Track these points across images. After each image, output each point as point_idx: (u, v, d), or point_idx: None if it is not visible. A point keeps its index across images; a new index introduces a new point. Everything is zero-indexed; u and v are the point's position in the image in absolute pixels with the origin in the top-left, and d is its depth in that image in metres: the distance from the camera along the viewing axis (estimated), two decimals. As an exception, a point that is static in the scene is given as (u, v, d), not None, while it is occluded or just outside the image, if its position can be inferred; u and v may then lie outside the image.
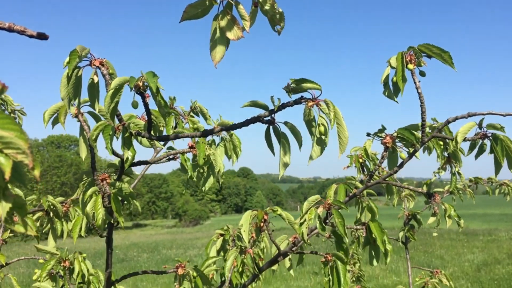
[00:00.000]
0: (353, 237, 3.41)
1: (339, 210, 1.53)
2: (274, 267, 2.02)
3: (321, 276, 17.34)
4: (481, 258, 17.60)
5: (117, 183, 1.28)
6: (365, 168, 2.01)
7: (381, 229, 1.59)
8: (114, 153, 1.26)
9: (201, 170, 1.44)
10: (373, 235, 1.63)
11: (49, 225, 2.48)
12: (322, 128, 1.04)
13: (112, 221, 1.38)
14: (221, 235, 2.28)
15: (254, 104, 1.06)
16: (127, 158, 1.17)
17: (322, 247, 23.40)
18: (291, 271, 2.02)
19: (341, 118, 1.06)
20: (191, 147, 1.33)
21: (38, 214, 2.44)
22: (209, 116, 1.65)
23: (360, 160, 2.00)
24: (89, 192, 1.25)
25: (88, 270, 1.68)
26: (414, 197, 3.00)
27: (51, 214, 2.46)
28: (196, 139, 1.32)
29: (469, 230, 26.75)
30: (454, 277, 14.17)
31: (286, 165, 1.01)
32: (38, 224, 2.41)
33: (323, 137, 1.05)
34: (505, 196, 2.81)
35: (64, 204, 2.53)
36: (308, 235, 1.68)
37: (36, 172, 0.36)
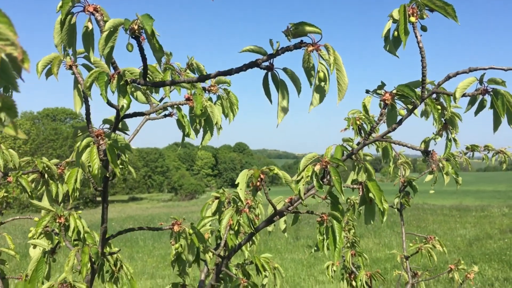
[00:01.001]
0: (348, 204, 3.43)
1: (337, 168, 1.52)
2: (270, 228, 2.02)
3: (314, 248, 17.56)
4: (473, 233, 17.85)
5: (112, 134, 1.26)
6: (362, 131, 2.00)
7: (378, 188, 1.58)
8: (109, 103, 1.23)
9: (198, 126, 1.41)
10: (370, 194, 1.62)
11: (44, 187, 2.47)
12: (321, 74, 1.02)
13: (107, 175, 1.37)
14: (217, 198, 2.28)
15: (253, 49, 1.04)
16: (122, 106, 1.15)
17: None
18: (285, 233, 2.03)
19: (341, 64, 1.04)
20: (188, 99, 1.30)
21: (33, 175, 2.43)
22: (206, 72, 1.62)
23: (358, 123, 1.98)
24: (84, 142, 1.23)
25: (83, 227, 1.67)
26: (410, 165, 3.01)
27: (46, 176, 2.44)
28: (193, 91, 1.30)
29: (462, 206, 27.06)
30: (446, 251, 14.34)
31: (284, 110, 0.99)
32: (33, 185, 2.40)
33: (322, 84, 1.03)
34: (501, 165, 2.81)
35: (59, 166, 2.51)
36: (304, 194, 1.67)
37: (26, 65, 0.35)
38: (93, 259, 1.47)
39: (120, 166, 3.07)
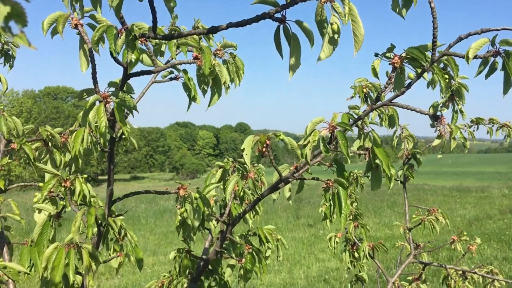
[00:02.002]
0: (351, 178, 3.43)
1: (344, 133, 1.51)
2: (274, 196, 2.02)
3: (315, 227, 17.72)
4: (473, 213, 17.95)
5: (120, 93, 1.24)
6: (368, 99, 1.98)
7: (385, 153, 1.58)
8: (116, 60, 1.22)
9: (205, 87, 1.40)
10: (377, 160, 1.62)
11: (47, 156, 2.46)
12: (335, 26, 1.00)
13: (114, 135, 1.36)
14: (221, 167, 2.27)
15: (265, 0, 1.01)
16: (131, 62, 1.13)
17: (317, 200, 23.75)
18: (290, 201, 2.03)
19: (356, 14, 1.02)
20: (196, 57, 1.28)
21: (37, 144, 2.42)
22: (212, 36, 1.59)
23: (364, 91, 1.97)
24: (91, 99, 1.22)
25: (89, 192, 1.67)
26: (414, 138, 3.00)
27: (50, 144, 2.44)
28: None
29: (462, 187, 27.14)
30: (445, 231, 14.49)
31: (295, 67, 0.97)
32: (36, 154, 2.40)
33: (335, 36, 1.01)
34: (505, 138, 2.80)
35: (62, 135, 2.51)
36: (310, 160, 1.67)
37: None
38: (99, 221, 1.48)
39: (123, 136, 3.07)
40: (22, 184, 2.20)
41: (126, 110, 1.25)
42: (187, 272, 2.05)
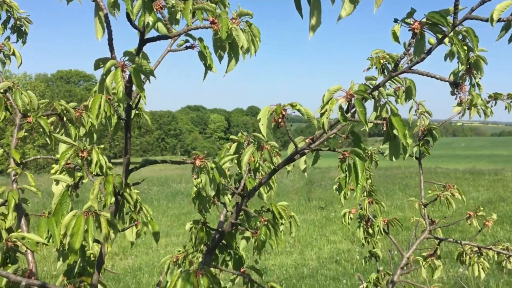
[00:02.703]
0: (365, 154, 3.41)
1: (361, 101, 1.49)
2: (289, 167, 2.01)
3: (326, 210, 17.75)
4: (485, 196, 17.82)
5: (136, 59, 1.23)
6: (385, 70, 1.95)
7: (403, 122, 1.56)
8: (132, 24, 1.21)
9: (222, 54, 1.38)
10: (394, 130, 1.60)
11: (62, 130, 2.48)
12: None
13: (130, 103, 1.36)
14: (235, 141, 2.27)
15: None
16: (148, 24, 1.12)
17: (328, 183, 23.75)
18: (305, 173, 2.02)
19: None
20: (212, 22, 1.27)
21: (52, 118, 2.43)
22: (228, 4, 1.57)
23: (381, 62, 1.94)
24: (108, 64, 1.22)
25: (105, 162, 1.68)
26: (430, 114, 2.96)
27: (64, 118, 2.45)
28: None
29: (475, 169, 26.91)
30: (457, 213, 14.43)
31: (315, 27, 0.95)
32: (52, 128, 2.41)
33: (357, -7, 0.99)
34: (524, 114, 2.74)
35: (77, 109, 2.52)
36: (327, 131, 1.65)
37: None
38: (117, 189, 1.49)
39: (136, 112, 3.06)
40: (39, 157, 2.22)
41: (143, 76, 1.24)
42: (202, 243, 2.07)
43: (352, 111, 1.55)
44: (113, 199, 1.49)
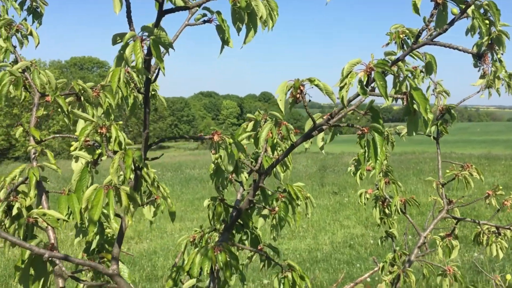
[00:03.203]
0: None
1: (382, 74, 1.47)
2: (307, 145, 2.01)
3: (339, 195, 17.73)
4: (501, 181, 17.64)
5: (155, 30, 1.23)
6: (405, 45, 1.93)
7: (424, 96, 1.54)
8: (151, -6, 1.21)
9: (240, 25, 1.37)
10: (414, 105, 1.58)
11: (80, 110, 2.49)
12: None
13: (149, 76, 1.36)
14: (251, 119, 2.26)
15: None
16: (167, -7, 1.12)
17: (342, 169, 23.70)
18: (323, 151, 2.01)
19: None
20: (231, -7, 1.26)
21: (69, 98, 2.45)
22: (246, -23, 1.55)
23: (401, 36, 1.91)
24: (127, 36, 1.21)
25: (124, 139, 1.69)
26: (448, 93, 2.92)
27: (82, 98, 2.47)
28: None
29: (491, 155, 26.61)
30: (473, 198, 14.31)
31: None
32: (69, 107, 2.43)
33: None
34: (545, 92, 2.69)
35: (94, 89, 2.53)
36: (346, 106, 1.64)
37: None
38: (136, 163, 1.50)
39: (152, 92, 3.07)
40: (58, 135, 2.24)
41: (162, 49, 1.24)
42: (220, 219, 2.08)
43: (372, 85, 1.53)
44: (132, 174, 1.50)
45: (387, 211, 2.78)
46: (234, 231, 2.44)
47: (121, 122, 1.68)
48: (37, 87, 2.26)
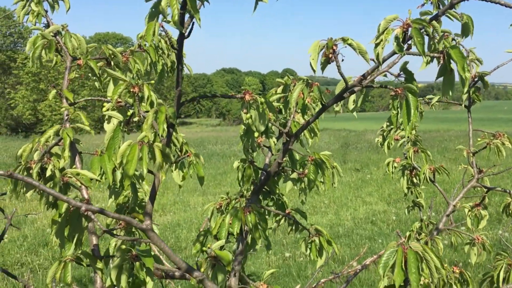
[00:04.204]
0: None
1: (420, 30, 1.44)
2: (337, 108, 1.99)
3: (362, 172, 17.64)
4: (529, 160, 17.25)
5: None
6: (441, 5, 1.87)
7: (461, 54, 1.50)
8: None
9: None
10: (452, 64, 1.55)
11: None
12: None
13: (183, 31, 1.35)
14: (280, 84, 2.24)
15: None
16: None
17: (364, 146, 23.50)
18: (354, 113, 1.99)
19: None
20: None
21: (100, 63, 2.47)
22: None
23: (437, -4, 1.85)
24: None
25: (156, 99, 1.70)
26: (481, 62, 2.85)
27: (112, 63, 2.49)
28: None
29: (520, 133, 25.97)
30: (498, 176, 14.06)
31: None
32: (100, 72, 2.45)
33: None
34: None
35: (124, 54, 2.54)
36: (381, 64, 1.61)
37: None
38: (169, 120, 1.51)
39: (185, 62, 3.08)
40: (90, 98, 2.27)
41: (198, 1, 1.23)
42: (250, 181, 2.10)
43: (408, 42, 1.50)
44: (165, 131, 1.51)
45: (415, 180, 2.75)
46: (261, 197, 2.46)
47: (153, 82, 1.69)
48: (69, 51, 2.28)
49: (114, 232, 2.20)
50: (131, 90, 1.68)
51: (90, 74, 2.38)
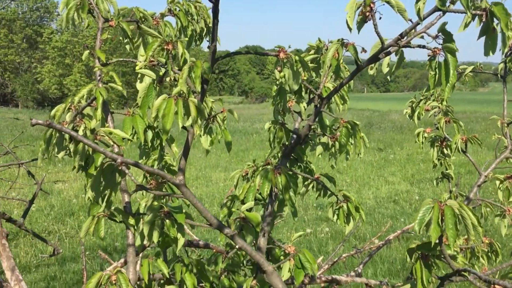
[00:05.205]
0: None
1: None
2: (371, 71, 1.96)
3: (385, 152, 17.47)
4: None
5: None
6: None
7: (506, 11, 1.45)
8: None
9: None
10: (495, 22, 1.50)
11: (140, 39, 2.52)
12: None
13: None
14: (312, 48, 2.21)
15: None
16: None
17: (388, 126, 23.24)
18: (388, 77, 1.95)
19: None
20: None
21: (131, 26, 2.47)
22: None
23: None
24: None
25: (189, 57, 1.69)
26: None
27: (143, 26, 2.48)
28: None
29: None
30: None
31: None
32: (130, 34, 2.45)
33: None
34: None
35: (154, 18, 2.54)
36: (422, 20, 1.57)
37: None
38: (204, 75, 1.51)
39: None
40: (121, 59, 2.28)
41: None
42: (281, 142, 2.09)
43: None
44: (200, 86, 1.51)
45: (445, 151, 2.70)
46: (288, 165, 2.46)
47: (186, 39, 1.68)
48: (101, 12, 2.29)
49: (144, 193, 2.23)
50: (165, 47, 1.68)
51: (121, 38, 2.39)
